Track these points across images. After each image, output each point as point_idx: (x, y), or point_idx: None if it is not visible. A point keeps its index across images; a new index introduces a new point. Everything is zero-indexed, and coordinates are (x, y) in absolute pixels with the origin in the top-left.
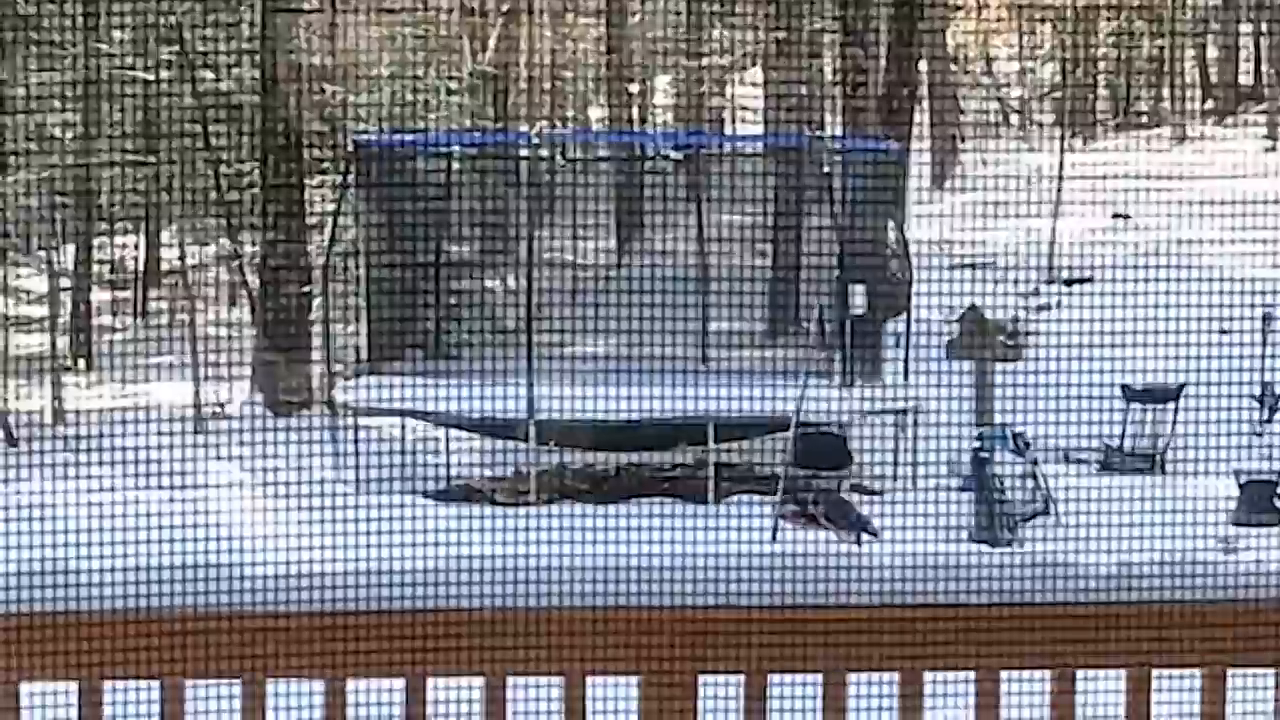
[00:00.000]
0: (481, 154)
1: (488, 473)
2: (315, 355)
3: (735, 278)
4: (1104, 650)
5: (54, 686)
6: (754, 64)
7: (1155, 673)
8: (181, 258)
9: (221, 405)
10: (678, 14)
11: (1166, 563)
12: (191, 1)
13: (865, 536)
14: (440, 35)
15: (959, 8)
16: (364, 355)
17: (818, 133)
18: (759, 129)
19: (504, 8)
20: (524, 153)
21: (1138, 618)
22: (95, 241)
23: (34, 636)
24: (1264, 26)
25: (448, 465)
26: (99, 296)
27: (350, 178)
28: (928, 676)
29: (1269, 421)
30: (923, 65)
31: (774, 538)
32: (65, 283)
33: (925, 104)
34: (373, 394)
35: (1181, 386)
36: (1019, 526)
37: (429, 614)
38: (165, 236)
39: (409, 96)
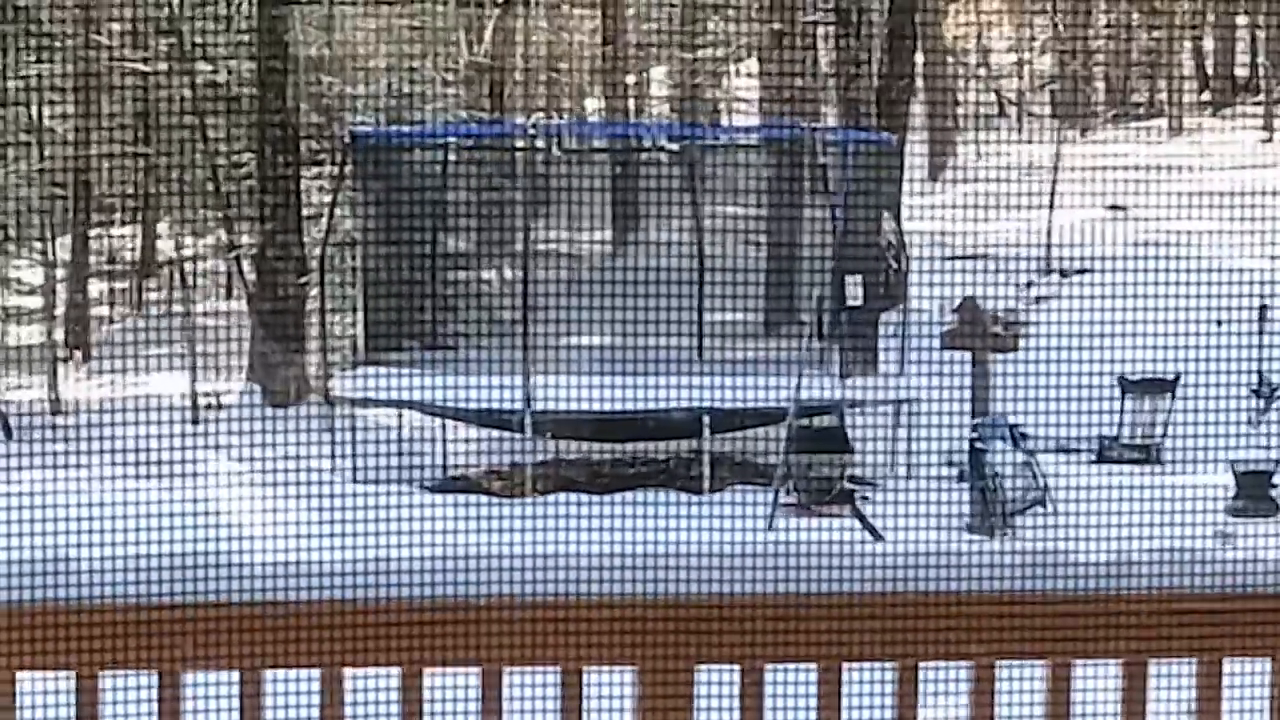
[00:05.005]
0: (478, 145)
1: (484, 464)
2: (312, 347)
3: (731, 269)
4: (1100, 640)
5: (51, 677)
6: (750, 55)
7: (1151, 662)
8: (178, 249)
9: (218, 397)
10: (674, 5)
11: (1163, 550)
12: None
13: (856, 506)
14: (436, 27)
15: None
16: (360, 347)
17: (813, 124)
18: (755, 121)
19: None
20: (520, 144)
21: (1134, 608)
22: (92, 233)
23: (31, 627)
24: (1260, 19)
25: (444, 456)
26: (95, 288)
27: (347, 169)
28: (924, 667)
29: (1265, 412)
30: (919, 57)
31: (770, 527)
32: (62, 274)
33: (921, 95)
34: (369, 385)
35: (1178, 378)
36: (1015, 517)
37: (425, 604)
38: (162, 228)
39: (405, 88)
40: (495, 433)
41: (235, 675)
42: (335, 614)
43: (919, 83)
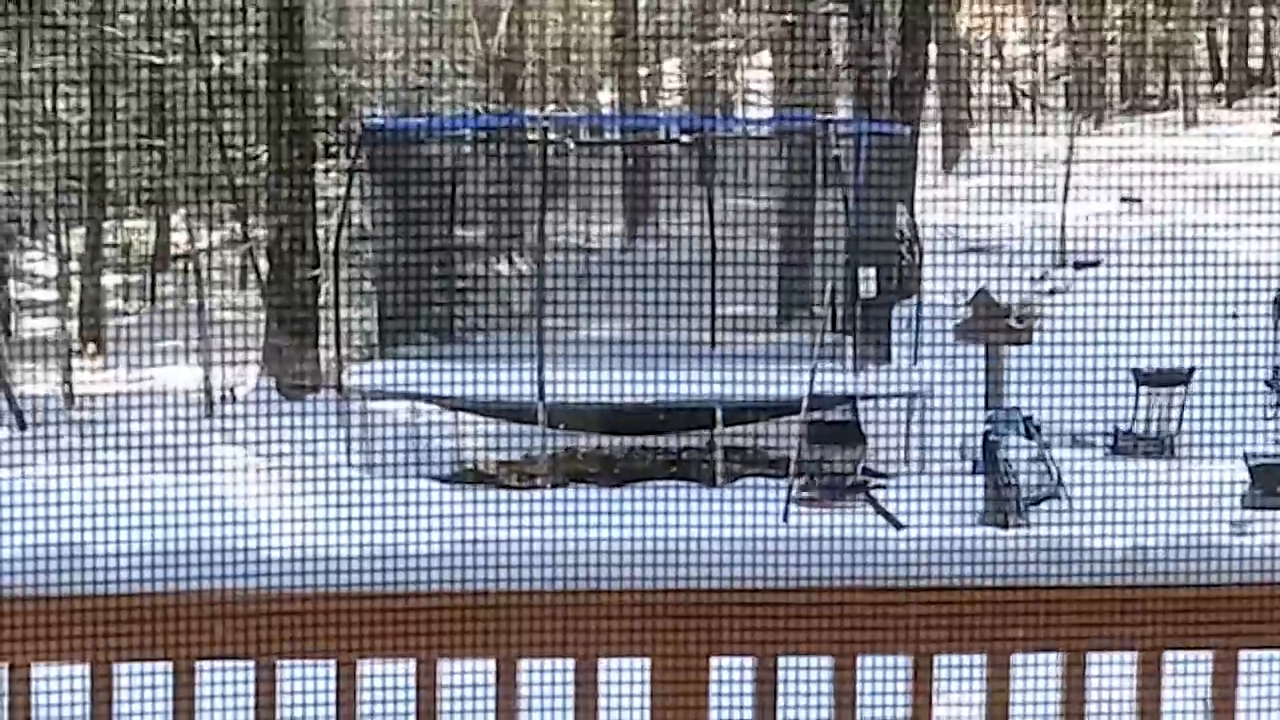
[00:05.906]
0: (491, 137)
1: (497, 456)
2: (325, 339)
3: (744, 261)
4: (1115, 632)
5: (65, 668)
6: (763, 47)
7: (1167, 655)
8: (191, 242)
9: (231, 389)
10: None
11: (1177, 545)
12: None
13: (870, 495)
14: (449, 19)
15: None
16: (373, 339)
17: (826, 116)
18: (768, 113)
19: None
20: (533, 136)
21: (1149, 600)
22: (105, 226)
23: (46, 619)
24: (1275, 10)
25: (457, 448)
26: (109, 281)
27: (360, 161)
28: (939, 659)
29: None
30: (932, 49)
31: (785, 519)
32: (75, 267)
33: (935, 87)
34: (382, 378)
35: (1192, 370)
36: (1029, 509)
37: (440, 596)
38: (175, 221)
39: (418, 80)
40: (508, 424)
41: (249, 665)
42: (350, 605)
43: (932, 74)
